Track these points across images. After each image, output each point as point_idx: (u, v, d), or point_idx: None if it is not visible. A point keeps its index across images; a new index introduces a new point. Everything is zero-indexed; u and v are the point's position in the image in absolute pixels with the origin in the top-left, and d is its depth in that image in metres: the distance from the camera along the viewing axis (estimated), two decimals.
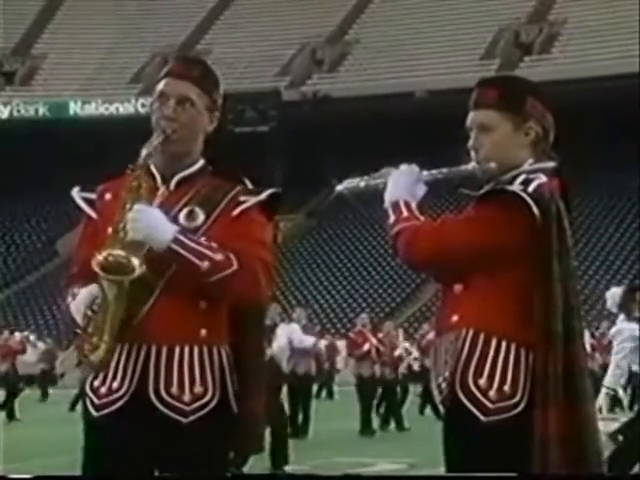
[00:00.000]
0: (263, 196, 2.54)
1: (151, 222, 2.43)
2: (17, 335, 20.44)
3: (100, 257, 2.43)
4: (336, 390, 18.11)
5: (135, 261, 2.42)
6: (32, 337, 23.28)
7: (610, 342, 7.10)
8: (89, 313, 2.46)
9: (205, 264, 2.41)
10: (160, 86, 2.57)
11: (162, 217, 2.46)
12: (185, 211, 2.52)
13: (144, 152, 2.50)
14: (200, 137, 2.59)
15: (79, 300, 2.47)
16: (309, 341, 11.41)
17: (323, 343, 16.56)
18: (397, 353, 12.82)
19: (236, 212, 2.51)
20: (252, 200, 2.53)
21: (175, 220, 2.50)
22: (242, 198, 2.53)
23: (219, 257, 2.42)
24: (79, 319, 2.47)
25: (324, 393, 19.16)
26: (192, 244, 2.43)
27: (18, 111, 34.53)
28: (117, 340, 2.49)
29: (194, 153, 2.58)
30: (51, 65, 36.67)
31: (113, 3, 37.52)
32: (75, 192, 2.61)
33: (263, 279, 2.47)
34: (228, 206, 2.52)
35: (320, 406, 15.04)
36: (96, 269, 2.42)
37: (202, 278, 2.42)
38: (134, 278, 2.41)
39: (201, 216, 2.51)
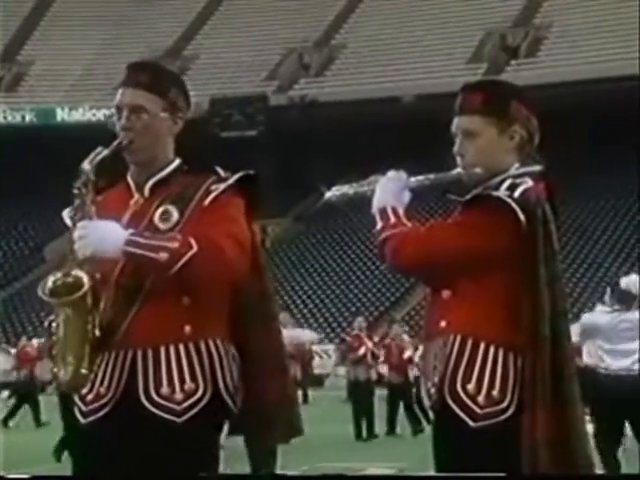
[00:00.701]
0: (231, 180, 2.52)
1: (97, 235, 2.43)
2: (35, 342, 20.23)
3: (47, 286, 2.44)
4: (325, 395, 18.08)
5: (79, 273, 2.42)
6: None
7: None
8: (51, 331, 2.47)
9: (163, 255, 2.38)
10: (116, 98, 2.58)
11: (109, 226, 2.45)
12: (159, 212, 2.51)
13: (86, 167, 2.50)
14: (165, 140, 2.57)
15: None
16: (305, 336, 11.45)
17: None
18: (406, 356, 12.32)
19: (207, 201, 2.50)
20: (222, 186, 2.51)
21: (150, 223, 2.49)
22: (213, 187, 2.51)
23: (175, 244, 2.39)
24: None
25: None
26: (145, 240, 2.41)
27: (5, 118, 34.40)
28: (100, 349, 2.48)
29: (162, 157, 2.57)
30: (38, 71, 36.55)
31: (100, 9, 37.44)
32: (65, 213, 2.60)
33: (230, 252, 2.41)
34: (201, 198, 2.51)
35: (310, 410, 15.04)
36: (44, 298, 2.43)
37: (167, 270, 2.39)
38: (85, 292, 2.41)
39: (175, 214, 2.50)
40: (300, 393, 18.74)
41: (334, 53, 35.30)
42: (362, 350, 11.91)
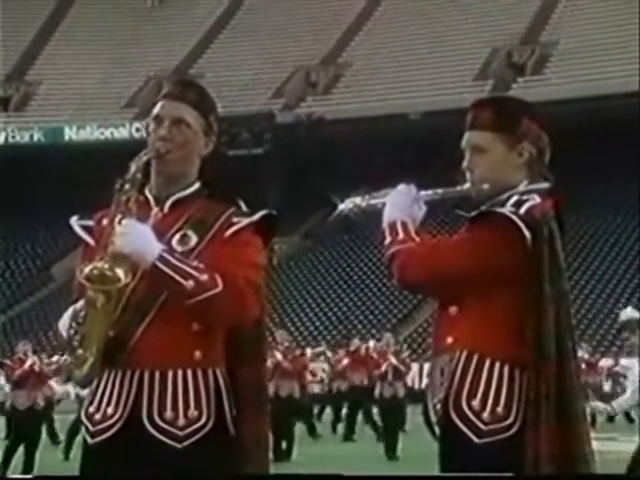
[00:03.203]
0: (256, 217, 2.53)
1: (139, 237, 2.43)
2: (55, 358, 20.11)
3: (86, 270, 2.43)
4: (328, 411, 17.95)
5: (119, 272, 2.41)
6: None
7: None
8: (74, 325, 2.45)
9: (190, 283, 2.39)
10: (156, 109, 2.57)
11: (150, 234, 2.45)
12: (178, 235, 2.51)
13: (133, 166, 2.51)
14: (195, 160, 2.58)
15: (65, 316, 2.48)
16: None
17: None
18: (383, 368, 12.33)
19: (228, 233, 2.50)
20: (245, 221, 2.51)
21: (168, 243, 2.49)
22: (235, 219, 2.52)
23: (204, 277, 2.40)
24: (65, 334, 2.47)
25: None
26: (178, 263, 2.42)
27: (13, 137, 34.55)
28: (110, 365, 2.48)
29: (189, 175, 2.58)
30: (46, 91, 36.73)
31: (107, 29, 37.66)
32: (73, 221, 2.61)
33: (250, 300, 2.43)
34: (221, 228, 2.51)
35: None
36: (82, 281, 2.42)
37: (187, 298, 2.40)
38: (120, 287, 2.41)
39: (194, 239, 2.50)
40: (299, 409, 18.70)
41: (341, 71, 35.41)
42: (384, 367, 11.69)
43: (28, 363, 10.45)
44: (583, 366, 13.36)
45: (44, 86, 36.93)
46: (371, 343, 16.92)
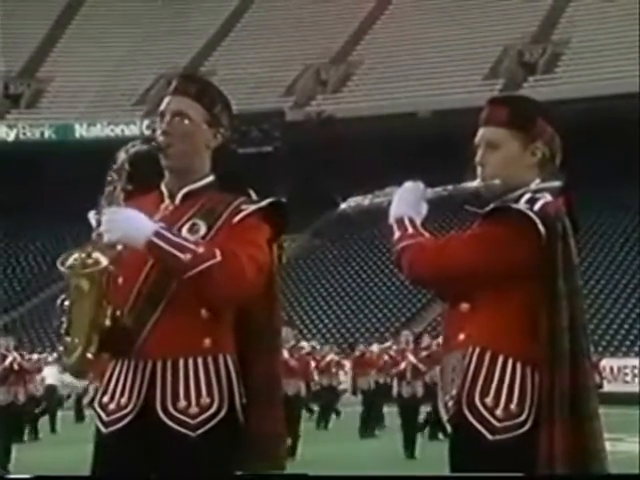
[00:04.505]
0: (263, 203, 2.54)
1: (125, 222, 2.44)
2: (35, 356, 20.25)
3: (70, 260, 2.46)
4: (341, 410, 17.97)
5: (98, 255, 2.44)
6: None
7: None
8: (60, 313, 2.48)
9: (187, 256, 2.40)
10: (161, 105, 2.61)
11: (138, 215, 2.46)
12: (188, 225, 2.53)
13: (121, 156, 2.53)
14: (203, 152, 2.59)
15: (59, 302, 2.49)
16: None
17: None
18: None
19: (236, 220, 2.52)
20: (252, 207, 2.53)
21: (178, 232, 2.50)
22: (243, 207, 2.54)
23: (201, 250, 2.42)
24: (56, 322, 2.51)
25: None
26: (174, 237, 2.44)
27: (24, 134, 34.65)
28: (122, 356, 2.50)
29: (199, 168, 2.59)
30: (57, 88, 36.83)
31: (118, 27, 37.73)
32: (91, 214, 2.62)
33: (250, 274, 2.42)
34: (230, 216, 2.53)
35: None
36: (62, 269, 2.45)
37: (185, 271, 2.40)
38: (102, 269, 2.43)
39: (203, 228, 2.52)
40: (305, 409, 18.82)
41: (351, 69, 35.39)
42: (402, 365, 11.45)
43: (8, 360, 10.49)
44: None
45: (55, 83, 37.02)
46: (375, 347, 16.93)
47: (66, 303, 2.47)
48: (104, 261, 2.43)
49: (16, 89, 37.09)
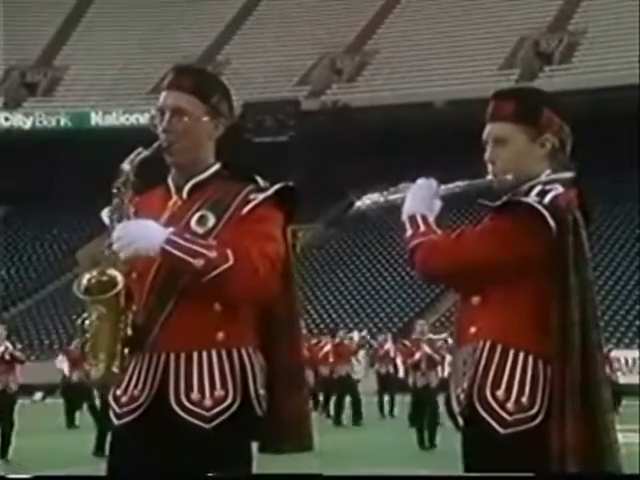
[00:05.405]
0: (270, 192, 2.52)
1: (137, 234, 2.44)
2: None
3: (84, 281, 2.47)
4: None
5: (114, 273, 2.44)
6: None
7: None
8: (83, 334, 2.49)
9: (200, 262, 2.39)
10: (159, 100, 2.60)
11: (148, 224, 2.46)
12: (196, 216, 2.52)
13: (125, 167, 2.53)
14: (206, 144, 2.58)
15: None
16: None
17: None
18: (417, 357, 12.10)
19: (245, 211, 2.50)
20: (260, 197, 2.51)
21: (187, 225, 2.51)
22: (252, 196, 2.52)
23: (213, 254, 2.41)
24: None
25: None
26: (185, 243, 2.42)
27: (40, 122, 34.79)
28: (135, 349, 2.51)
29: (203, 160, 2.58)
30: (72, 76, 36.92)
31: (133, 15, 37.76)
32: (104, 213, 2.62)
33: (264, 272, 2.41)
34: (238, 206, 2.52)
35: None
36: (79, 295, 2.46)
37: (198, 276, 2.41)
38: (119, 291, 2.43)
39: (212, 220, 2.51)
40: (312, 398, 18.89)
41: (366, 59, 35.30)
42: (417, 355, 11.32)
43: (0, 349, 10.54)
44: None
45: (71, 71, 37.10)
46: (355, 335, 16.88)
47: (87, 322, 2.48)
48: (120, 281, 2.44)
49: (32, 77, 37.20)
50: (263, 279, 2.42)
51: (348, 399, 14.85)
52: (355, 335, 16.66)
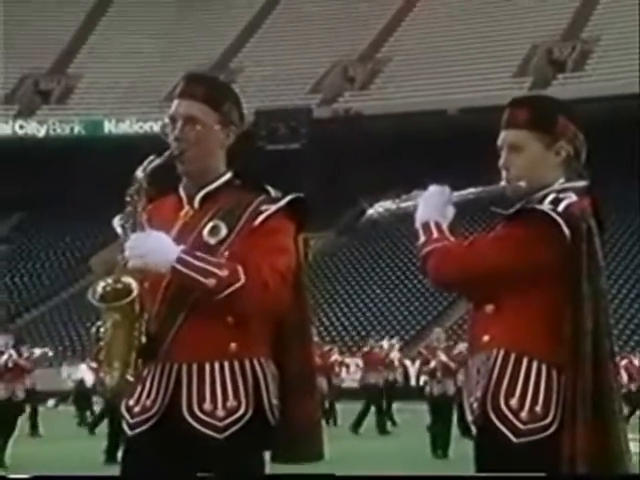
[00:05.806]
0: (282, 203, 2.52)
1: (149, 248, 2.44)
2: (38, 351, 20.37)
3: (99, 289, 2.47)
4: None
5: (128, 280, 2.45)
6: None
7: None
8: (98, 342, 2.50)
9: (211, 281, 2.40)
10: (171, 108, 2.59)
11: (162, 239, 2.46)
12: (208, 227, 2.52)
13: (138, 175, 2.53)
14: (218, 152, 2.58)
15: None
16: None
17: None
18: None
19: (257, 222, 2.50)
20: (272, 208, 2.51)
21: (199, 235, 2.51)
22: (263, 207, 2.51)
23: (224, 273, 2.41)
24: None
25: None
26: (197, 262, 2.42)
27: (54, 130, 34.95)
28: (148, 360, 2.51)
29: (214, 169, 2.58)
30: (86, 84, 37.09)
31: (147, 23, 37.92)
32: (116, 221, 2.62)
33: (274, 288, 2.42)
34: (250, 217, 2.51)
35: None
36: (94, 302, 2.46)
37: (210, 295, 2.41)
38: (134, 298, 2.44)
39: (224, 230, 2.50)
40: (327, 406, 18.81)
41: (379, 66, 35.34)
42: (432, 363, 11.24)
43: (4, 357, 10.67)
44: None
45: (85, 79, 37.29)
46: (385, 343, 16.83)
47: (101, 330, 2.48)
48: (135, 289, 2.44)
49: (46, 85, 37.40)
50: (273, 295, 2.43)
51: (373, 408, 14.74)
52: (385, 343, 16.62)
